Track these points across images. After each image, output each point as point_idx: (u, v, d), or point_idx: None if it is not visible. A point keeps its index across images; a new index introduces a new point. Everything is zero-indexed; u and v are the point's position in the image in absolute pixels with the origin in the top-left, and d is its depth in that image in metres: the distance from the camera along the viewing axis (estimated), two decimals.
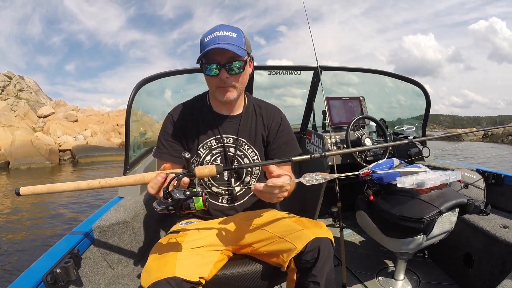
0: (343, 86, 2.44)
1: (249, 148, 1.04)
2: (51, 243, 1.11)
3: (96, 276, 1.13)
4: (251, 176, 1.05)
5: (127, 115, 1.57)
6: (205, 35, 0.90)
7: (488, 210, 1.43)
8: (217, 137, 1.01)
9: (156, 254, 0.82)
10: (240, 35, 0.91)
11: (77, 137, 16.31)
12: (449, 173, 1.04)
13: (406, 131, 2.22)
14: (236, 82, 0.93)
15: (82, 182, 0.64)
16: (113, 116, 21.01)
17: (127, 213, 1.31)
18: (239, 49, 0.87)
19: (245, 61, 0.91)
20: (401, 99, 2.63)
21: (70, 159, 14.45)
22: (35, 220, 5.14)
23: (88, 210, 5.30)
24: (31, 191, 0.62)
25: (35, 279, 0.86)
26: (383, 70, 2.29)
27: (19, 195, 0.62)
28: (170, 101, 1.87)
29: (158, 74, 1.61)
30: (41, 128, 16.76)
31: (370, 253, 1.78)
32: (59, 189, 0.64)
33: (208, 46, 0.86)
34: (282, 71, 1.90)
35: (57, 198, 6.35)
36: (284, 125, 1.07)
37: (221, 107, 1.02)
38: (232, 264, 0.94)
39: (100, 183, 0.65)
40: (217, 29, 0.88)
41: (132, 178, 0.72)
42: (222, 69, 0.89)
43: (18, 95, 20.10)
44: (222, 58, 0.88)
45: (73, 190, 0.64)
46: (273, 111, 1.08)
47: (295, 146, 1.08)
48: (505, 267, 1.18)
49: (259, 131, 1.05)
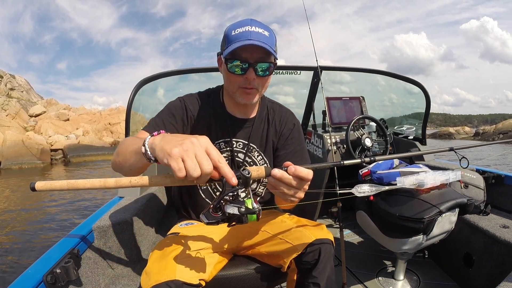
0: (336, 84, 2.44)
1: (258, 155, 0.99)
2: (51, 243, 1.10)
3: (96, 276, 1.13)
4: (258, 183, 1.02)
5: (127, 115, 1.58)
6: (232, 27, 0.81)
7: (488, 210, 1.43)
8: (227, 140, 0.95)
9: (156, 256, 0.81)
10: (272, 34, 0.83)
11: (68, 136, 16.20)
12: (449, 173, 1.05)
13: (406, 131, 2.23)
14: (261, 85, 0.85)
15: (110, 180, 0.55)
16: (105, 115, 20.89)
17: (127, 213, 1.31)
18: (271, 49, 0.80)
19: (275, 64, 0.84)
20: (393, 97, 2.66)
21: (62, 159, 14.30)
22: (35, 220, 5.14)
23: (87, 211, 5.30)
24: (48, 186, 0.54)
25: (35, 279, 0.86)
26: (384, 70, 2.29)
27: (34, 191, 0.54)
28: (163, 99, 1.86)
29: (158, 74, 1.62)
30: (32, 127, 16.63)
31: (370, 253, 1.78)
32: (81, 186, 0.55)
33: (237, 40, 0.78)
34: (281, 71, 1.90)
35: (56, 199, 6.35)
36: (295, 131, 1.01)
37: (235, 108, 0.95)
38: (232, 265, 0.93)
39: (131, 182, 0.55)
40: (248, 23, 0.80)
41: (169, 179, 0.57)
42: (250, 68, 0.80)
43: (9, 94, 20.01)
44: (252, 57, 0.80)
45: (98, 188, 0.55)
46: (286, 116, 1.02)
47: (304, 157, 1.00)
48: (505, 267, 1.18)
49: (270, 137, 0.99)
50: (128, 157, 0.67)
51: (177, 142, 0.52)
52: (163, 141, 0.55)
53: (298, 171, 0.60)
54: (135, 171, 0.68)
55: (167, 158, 0.51)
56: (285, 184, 0.61)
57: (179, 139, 0.53)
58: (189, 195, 1.04)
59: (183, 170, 0.50)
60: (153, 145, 0.57)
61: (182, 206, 1.08)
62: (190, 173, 0.49)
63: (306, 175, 0.60)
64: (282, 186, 0.61)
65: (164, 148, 0.53)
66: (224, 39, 0.84)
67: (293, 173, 0.60)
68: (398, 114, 2.66)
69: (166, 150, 0.52)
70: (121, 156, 0.70)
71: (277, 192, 0.63)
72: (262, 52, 0.80)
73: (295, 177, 0.60)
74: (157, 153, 0.55)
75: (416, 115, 2.38)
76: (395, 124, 2.55)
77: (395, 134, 2.25)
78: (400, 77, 2.20)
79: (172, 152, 0.50)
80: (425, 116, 2.17)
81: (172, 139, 0.55)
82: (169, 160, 0.50)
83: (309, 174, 0.61)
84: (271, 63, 0.83)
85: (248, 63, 0.80)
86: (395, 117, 2.65)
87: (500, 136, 22.83)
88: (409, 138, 2.18)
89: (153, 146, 0.56)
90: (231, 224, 0.59)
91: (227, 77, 0.87)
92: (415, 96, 2.17)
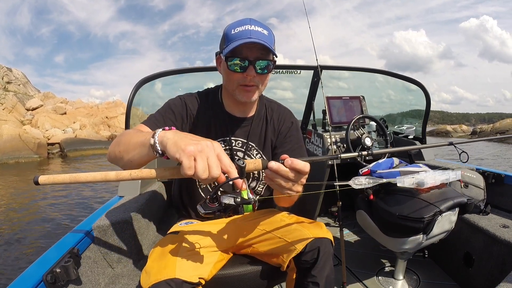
0: (334, 80, 2.41)
1: (257, 153, 1.00)
2: (50, 243, 1.10)
3: (96, 275, 1.13)
4: (257, 181, 1.03)
5: (127, 114, 1.58)
6: (232, 26, 0.82)
7: (488, 210, 1.43)
8: (226, 139, 0.96)
9: (155, 255, 0.81)
10: (271, 34, 0.84)
11: (65, 130, 15.94)
12: (449, 173, 1.04)
13: (406, 131, 2.23)
14: (260, 83, 0.86)
15: (110, 173, 0.56)
16: (102, 109, 20.62)
17: (127, 213, 1.31)
18: (271, 47, 0.81)
19: (274, 62, 0.85)
20: (391, 94, 2.64)
21: (59, 153, 14.08)
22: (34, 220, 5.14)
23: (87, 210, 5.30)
24: (51, 180, 0.56)
25: (35, 279, 0.86)
26: (385, 70, 2.29)
27: (38, 184, 0.56)
28: (160, 93, 1.85)
29: (157, 74, 1.64)
30: (29, 121, 16.34)
31: (370, 253, 1.78)
32: (83, 180, 0.56)
33: (237, 39, 0.79)
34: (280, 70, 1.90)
35: (55, 199, 6.36)
36: (293, 130, 1.01)
37: (234, 107, 0.96)
38: (231, 264, 0.94)
39: (131, 175, 0.57)
40: (247, 23, 0.81)
41: (168, 171, 0.58)
42: (250, 66, 0.81)
43: (6, 88, 19.60)
44: (252, 54, 0.81)
45: (99, 181, 0.57)
46: (284, 114, 1.03)
47: (302, 155, 0.97)
48: (505, 267, 1.18)
49: (268, 136, 1.00)
50: (131, 148, 0.66)
51: (192, 140, 0.54)
52: (176, 136, 0.56)
53: (295, 164, 0.60)
54: (134, 165, 0.67)
55: (180, 153, 0.52)
56: (282, 177, 0.61)
57: (194, 139, 0.55)
58: (188, 194, 1.04)
59: (193, 169, 0.51)
60: (164, 138, 0.57)
61: (182, 205, 1.08)
62: (198, 174, 0.51)
63: (302, 167, 0.61)
64: (278, 178, 0.61)
65: (178, 143, 0.54)
66: (223, 38, 0.85)
67: (290, 165, 0.60)
68: (396, 110, 2.65)
69: (181, 145, 0.53)
70: (122, 146, 0.69)
71: (274, 185, 0.63)
72: (262, 50, 0.81)
73: (292, 170, 0.60)
74: (168, 146, 0.55)
75: (415, 113, 2.38)
76: (394, 122, 2.55)
77: (395, 133, 2.25)
78: (401, 77, 2.20)
79: (187, 148, 0.52)
80: (425, 115, 2.17)
81: (186, 136, 0.57)
82: (182, 156, 0.52)
83: (306, 167, 0.61)
84: (270, 61, 0.84)
85: (248, 60, 0.81)
86: (393, 114, 2.65)
87: (497, 135, 22.95)
88: (409, 138, 2.18)
89: (165, 140, 0.57)
90: (228, 214, 0.60)
91: (226, 76, 0.87)
92: (413, 93, 2.18)
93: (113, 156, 0.71)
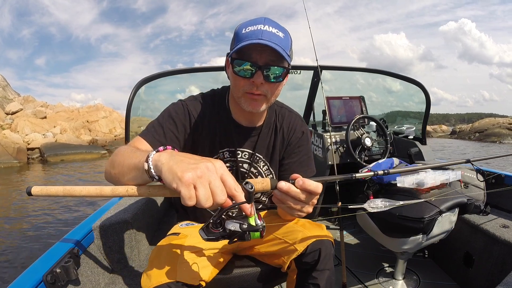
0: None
1: (264, 165, 0.93)
2: (50, 243, 1.09)
3: (96, 276, 1.13)
4: (263, 193, 0.98)
5: (126, 117, 1.58)
6: (244, 25, 0.73)
7: (488, 210, 1.43)
8: (231, 149, 0.89)
9: (156, 257, 0.81)
10: (287, 36, 0.74)
11: (46, 134, 15.47)
12: (449, 173, 1.05)
13: (405, 131, 2.23)
14: (270, 92, 0.76)
15: (106, 188, 0.53)
16: (83, 112, 20.17)
17: (127, 213, 1.31)
18: (284, 53, 0.71)
19: (287, 70, 0.75)
20: (373, 96, 2.62)
21: (39, 158, 13.63)
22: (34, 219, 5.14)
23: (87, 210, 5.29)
24: (45, 192, 0.54)
25: (35, 279, 0.86)
26: (386, 70, 2.30)
27: (31, 195, 0.53)
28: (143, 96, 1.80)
29: (157, 74, 1.64)
30: (9, 125, 15.87)
31: (370, 253, 1.78)
32: (77, 193, 0.53)
33: (247, 39, 0.70)
34: None
35: (54, 199, 6.35)
36: (303, 140, 0.94)
37: (241, 116, 0.87)
38: (232, 265, 0.94)
39: (128, 191, 0.53)
40: (261, 22, 0.72)
41: (168, 189, 0.51)
42: (258, 71, 0.71)
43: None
44: (261, 58, 0.71)
45: (94, 196, 0.53)
46: (295, 123, 0.94)
47: (310, 167, 0.94)
48: (505, 267, 1.18)
49: (277, 147, 0.92)
50: (126, 171, 0.60)
51: (189, 165, 0.47)
52: (172, 160, 0.49)
53: (307, 185, 0.55)
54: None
55: (177, 183, 0.46)
56: (292, 198, 0.57)
57: (192, 161, 0.48)
58: None
59: (194, 199, 0.45)
60: (158, 162, 0.51)
61: (182, 206, 1.08)
62: (200, 203, 0.45)
63: (314, 188, 0.56)
64: (288, 199, 0.57)
65: (173, 169, 0.47)
66: (233, 38, 0.76)
67: (301, 186, 0.56)
68: (377, 112, 2.62)
69: (177, 173, 0.46)
70: (117, 169, 0.62)
71: (283, 206, 0.59)
72: (274, 54, 0.71)
73: (303, 191, 0.56)
74: (164, 173, 0.48)
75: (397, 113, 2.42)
76: (394, 122, 2.57)
77: (395, 133, 2.25)
78: (401, 77, 2.20)
79: (184, 176, 0.45)
80: (425, 115, 2.17)
81: (183, 159, 0.49)
82: (179, 185, 0.45)
83: (318, 188, 0.57)
84: (284, 68, 0.74)
85: (257, 65, 0.71)
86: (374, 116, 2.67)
87: (476, 134, 23.08)
88: (409, 138, 2.18)
89: (159, 164, 0.50)
90: (232, 241, 0.53)
91: (233, 80, 0.78)
92: (393, 95, 2.19)
93: (109, 177, 0.66)
